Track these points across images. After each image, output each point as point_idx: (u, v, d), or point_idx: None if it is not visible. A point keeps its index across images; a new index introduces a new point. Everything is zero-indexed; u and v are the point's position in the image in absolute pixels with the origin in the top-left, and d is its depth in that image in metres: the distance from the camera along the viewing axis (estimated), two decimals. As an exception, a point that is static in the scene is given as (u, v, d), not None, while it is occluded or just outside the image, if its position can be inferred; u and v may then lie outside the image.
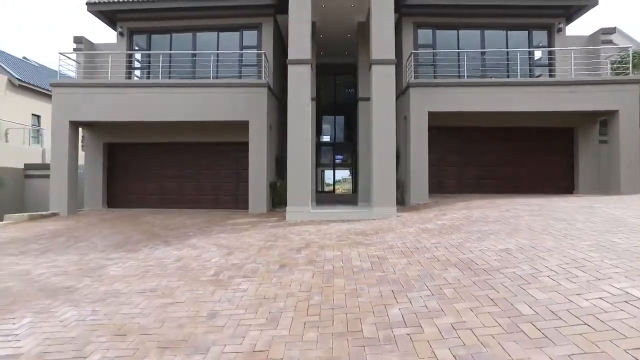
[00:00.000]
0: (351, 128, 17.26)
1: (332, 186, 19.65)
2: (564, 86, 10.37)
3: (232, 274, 4.68)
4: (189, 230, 7.80)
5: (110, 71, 10.97)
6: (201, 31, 12.36)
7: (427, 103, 10.44)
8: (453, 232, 5.89)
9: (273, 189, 10.98)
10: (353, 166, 17.36)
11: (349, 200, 13.54)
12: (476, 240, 5.26)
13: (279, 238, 6.61)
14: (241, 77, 12.00)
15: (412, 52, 11.13)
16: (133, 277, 4.78)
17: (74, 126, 10.89)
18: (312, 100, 10.32)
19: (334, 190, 19.52)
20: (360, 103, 12.10)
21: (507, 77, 11.43)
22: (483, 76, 11.94)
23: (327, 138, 19.10)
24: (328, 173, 19.75)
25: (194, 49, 12.21)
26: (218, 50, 12.10)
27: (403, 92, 11.21)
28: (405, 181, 10.74)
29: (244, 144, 10.79)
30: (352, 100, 14.90)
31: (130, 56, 12.27)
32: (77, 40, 11.77)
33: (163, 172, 12.00)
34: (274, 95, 11.59)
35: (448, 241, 5.40)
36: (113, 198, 12.03)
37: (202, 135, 11.52)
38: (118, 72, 11.51)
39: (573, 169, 11.64)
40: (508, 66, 11.84)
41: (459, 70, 11.37)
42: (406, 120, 10.84)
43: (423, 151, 10.32)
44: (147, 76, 12.39)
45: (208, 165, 11.97)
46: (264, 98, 10.58)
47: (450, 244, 5.23)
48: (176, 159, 11.99)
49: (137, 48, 12.64)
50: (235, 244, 6.28)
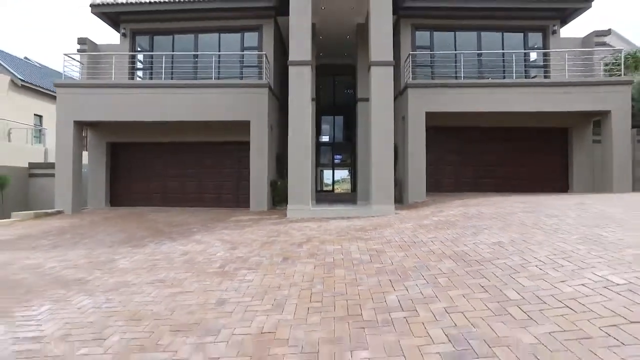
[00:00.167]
0: (350, 128, 17.50)
1: (332, 186, 19.86)
2: (558, 87, 10.62)
3: (238, 266, 4.90)
4: (193, 227, 8.01)
5: (113, 72, 11.18)
6: (203, 33, 12.57)
7: (425, 103, 10.67)
8: (449, 228, 6.12)
9: (274, 188, 11.19)
10: (352, 166, 17.58)
11: (348, 199, 13.77)
12: (471, 234, 5.49)
13: (281, 234, 6.83)
14: (242, 78, 12.22)
15: (410, 54, 11.37)
16: (142, 270, 5.00)
17: (78, 126, 11.07)
18: (312, 100, 10.54)
19: (333, 189, 19.73)
20: (359, 103, 12.33)
21: (503, 78, 11.67)
22: (480, 77, 12.17)
23: (327, 138, 19.33)
24: (327, 173, 19.96)
25: (196, 50, 12.43)
26: (219, 51, 12.32)
27: (401, 93, 11.44)
28: (403, 180, 10.97)
29: (245, 144, 11.01)
30: (351, 100, 15.12)
31: (133, 57, 12.48)
32: (81, 41, 11.98)
33: (165, 171, 12.20)
34: (275, 95, 11.81)
35: (444, 236, 5.63)
36: (116, 197, 12.22)
37: (204, 135, 11.73)
38: (121, 73, 11.73)
39: (568, 168, 11.88)
40: (504, 67, 12.08)
41: (456, 71, 11.62)
42: (404, 120, 11.07)
43: (421, 151, 10.54)
44: (150, 77, 12.61)
45: (210, 164, 12.17)
46: (265, 98, 10.80)
47: (445, 238, 5.46)
48: (178, 159, 12.20)
49: (140, 49, 12.84)
50: (238, 239, 6.50)
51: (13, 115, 16.80)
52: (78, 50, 11.99)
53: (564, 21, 12.36)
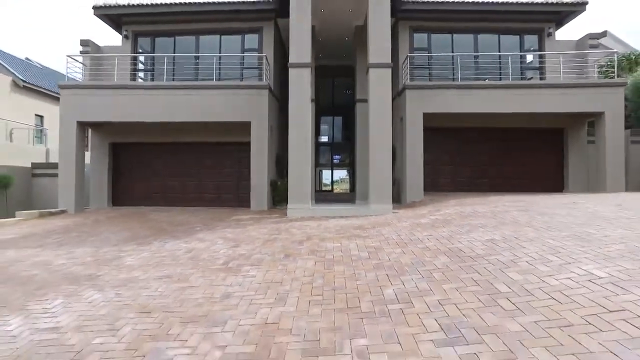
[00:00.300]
0: (349, 128, 17.68)
1: (331, 186, 20.05)
2: (553, 89, 10.83)
3: (241, 263, 5.09)
4: (195, 225, 8.19)
5: (116, 73, 11.35)
6: (204, 34, 12.75)
7: (423, 105, 10.86)
8: (445, 226, 6.32)
9: (274, 188, 11.37)
10: (351, 166, 17.77)
11: (347, 198, 13.97)
12: (465, 232, 5.69)
13: (282, 232, 7.02)
14: (242, 79, 12.39)
15: (408, 56, 11.57)
16: (148, 266, 5.18)
17: (81, 126, 11.23)
18: (312, 101, 10.73)
19: (332, 189, 19.93)
20: (357, 104, 12.53)
21: (500, 80, 11.88)
22: (476, 79, 12.37)
23: (325, 138, 19.52)
24: (326, 173, 20.15)
25: (197, 52, 12.60)
26: (220, 53, 12.49)
27: (399, 94, 11.64)
28: (401, 180, 11.16)
29: (246, 144, 11.19)
30: (350, 101, 15.31)
31: (135, 58, 12.64)
32: (84, 43, 12.14)
33: (166, 171, 12.37)
34: (275, 96, 11.99)
35: (439, 233, 5.83)
36: (118, 196, 12.38)
37: (205, 135, 11.91)
38: (123, 74, 11.89)
39: (563, 168, 12.10)
40: (500, 69, 12.29)
41: (453, 73, 11.83)
42: (402, 121, 11.27)
43: (418, 151, 10.74)
44: (152, 78, 12.78)
45: (210, 164, 12.35)
46: (265, 100, 10.98)
47: (441, 236, 5.65)
48: (179, 159, 12.37)
49: (142, 51, 13.01)
50: (240, 237, 6.68)
51: (14, 115, 16.94)
52: (81, 51, 12.15)
53: (559, 24, 12.59)
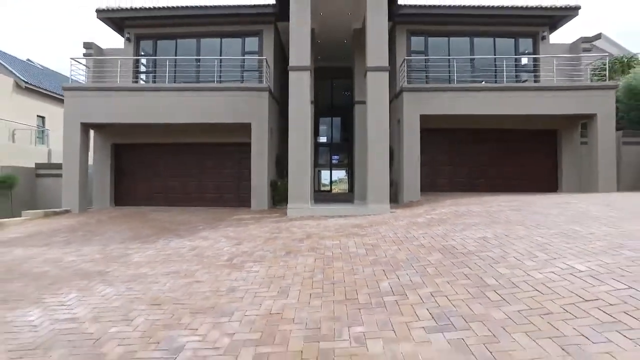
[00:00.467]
0: (347, 129, 17.92)
1: (329, 186, 20.30)
2: (547, 91, 11.11)
3: (244, 259, 5.32)
4: (198, 225, 8.42)
5: (119, 75, 11.57)
6: (205, 37, 12.98)
7: (420, 106, 11.12)
8: (440, 225, 6.56)
9: (274, 188, 11.60)
10: (349, 166, 18.00)
11: (346, 198, 14.21)
12: (459, 230, 5.94)
13: (282, 230, 7.25)
14: (243, 82, 12.63)
15: (406, 59, 11.82)
16: (155, 263, 5.41)
17: (85, 128, 11.43)
18: (311, 103, 10.96)
19: (331, 189, 20.17)
20: (356, 106, 12.76)
21: (495, 82, 12.14)
22: (472, 81, 12.64)
23: (324, 139, 19.77)
24: (325, 173, 20.39)
25: (198, 55, 12.83)
26: (221, 55, 12.73)
27: (397, 96, 11.89)
28: (398, 180, 11.41)
29: (246, 145, 11.43)
30: (349, 102, 15.54)
31: (137, 61, 12.86)
32: (87, 45, 12.36)
33: (168, 172, 12.59)
34: (275, 98, 12.22)
35: (434, 232, 6.07)
36: (120, 196, 12.59)
37: (206, 136, 12.13)
38: (126, 76, 12.10)
39: (557, 169, 12.37)
40: (496, 72, 12.56)
41: (450, 75, 12.09)
42: (399, 122, 11.51)
43: (415, 152, 10.98)
44: (154, 80, 13.00)
45: (211, 165, 12.58)
46: (265, 101, 11.21)
47: (436, 234, 5.90)
48: (181, 159, 12.59)
49: (144, 53, 13.23)
50: (242, 236, 6.92)
51: (16, 116, 17.13)
52: (84, 54, 12.37)
53: (553, 27, 12.86)
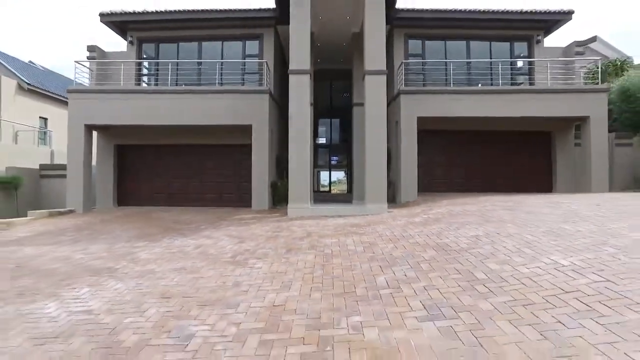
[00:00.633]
0: (346, 130, 18.15)
1: (328, 186, 20.52)
2: (542, 94, 11.36)
3: (247, 257, 5.55)
4: (201, 224, 8.64)
5: (122, 78, 11.80)
6: (206, 41, 13.21)
7: (417, 109, 11.36)
8: (435, 223, 6.81)
9: (274, 188, 11.83)
10: (348, 167, 18.23)
11: (345, 199, 14.45)
12: (453, 229, 6.18)
13: (283, 230, 7.49)
14: (244, 84, 12.86)
15: (403, 62, 12.07)
16: (162, 260, 5.64)
17: (89, 129, 11.66)
18: (310, 105, 11.20)
19: (330, 190, 20.39)
20: (355, 108, 13.02)
21: (491, 85, 12.41)
22: (469, 84, 12.90)
23: (324, 140, 20.00)
24: (324, 174, 20.61)
25: (200, 58, 13.07)
26: (222, 58, 12.97)
27: (394, 99, 12.13)
28: (396, 181, 11.65)
29: (246, 146, 11.66)
30: (347, 103, 15.76)
31: (139, 64, 13.09)
32: (91, 49, 12.59)
33: (170, 173, 12.81)
34: (275, 100, 12.46)
35: (430, 230, 6.32)
36: (123, 197, 12.81)
37: (207, 138, 12.36)
38: (128, 79, 12.33)
39: (552, 170, 12.63)
40: (491, 75, 12.82)
41: (447, 78, 12.35)
42: (397, 124, 11.76)
43: (413, 153, 11.23)
44: (156, 83, 13.23)
45: (212, 166, 12.80)
46: (266, 104, 11.44)
47: (431, 233, 6.14)
48: (182, 160, 12.82)
49: (146, 56, 13.45)
50: (244, 235, 7.15)
51: (19, 117, 17.34)
52: (88, 57, 12.60)
53: (548, 31, 13.14)
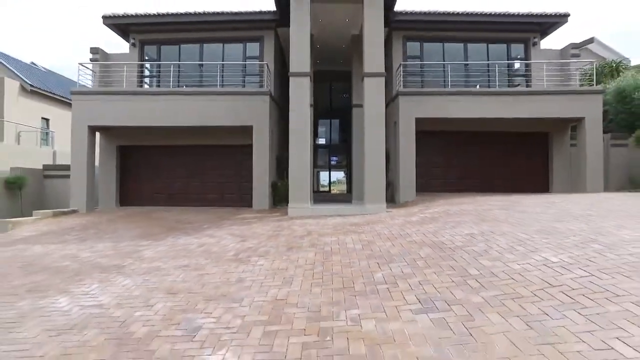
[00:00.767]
0: (346, 131, 18.34)
1: (328, 187, 20.70)
2: (537, 95, 11.56)
3: (249, 254, 5.74)
4: (203, 223, 8.82)
5: (125, 80, 11.98)
6: (207, 43, 13.39)
7: (415, 110, 11.55)
8: (432, 223, 6.99)
9: (274, 188, 12.01)
10: (347, 167, 18.41)
11: (344, 199, 14.63)
12: (449, 228, 6.37)
13: (284, 228, 7.67)
14: (244, 86, 13.05)
15: (401, 64, 12.26)
16: (167, 258, 5.82)
17: (92, 130, 11.83)
18: (310, 106, 11.38)
19: (330, 190, 20.58)
20: (354, 109, 13.20)
21: (488, 87, 12.60)
22: (466, 85, 13.09)
23: (323, 141, 20.19)
24: (324, 174, 20.80)
25: (201, 60, 13.25)
26: (223, 60, 13.14)
27: (393, 100, 12.32)
28: (395, 181, 11.84)
29: (247, 147, 11.85)
30: (347, 104, 15.95)
31: (142, 66, 13.27)
32: (94, 51, 12.76)
33: (171, 173, 12.99)
34: (275, 101, 12.64)
35: (426, 229, 6.50)
36: (125, 197, 12.98)
37: (208, 138, 12.54)
38: (131, 81, 12.51)
39: (548, 170, 12.82)
40: (489, 76, 13.01)
41: (444, 80, 12.54)
42: (396, 125, 11.94)
43: (411, 154, 11.41)
44: (158, 84, 13.41)
45: (213, 166, 12.98)
46: (266, 105, 11.62)
47: (428, 231, 6.33)
48: (184, 161, 12.99)
49: (148, 58, 13.63)
50: (246, 234, 7.33)
51: (22, 118, 17.52)
52: (90, 59, 12.77)
53: (544, 33, 13.33)
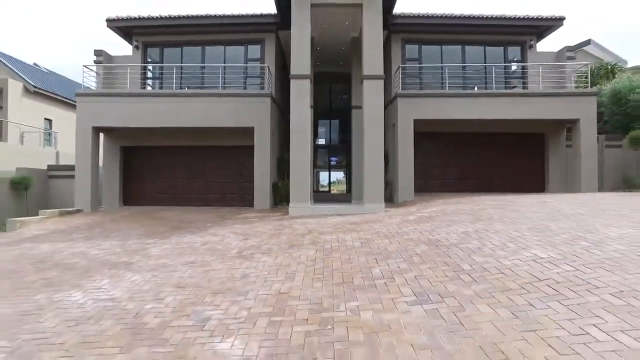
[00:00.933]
0: (345, 132, 18.57)
1: (328, 187, 20.93)
2: (533, 97, 11.79)
3: (252, 252, 5.96)
4: (206, 223, 9.04)
5: (128, 82, 12.20)
6: (209, 45, 13.61)
7: (413, 111, 11.78)
8: (428, 221, 7.22)
9: (275, 188, 12.23)
10: (347, 167, 18.64)
11: (343, 198, 14.86)
12: (445, 226, 6.59)
13: (285, 227, 7.90)
14: (246, 87, 13.27)
15: (400, 66, 12.50)
16: (173, 255, 6.04)
17: (96, 131, 12.05)
18: (310, 107, 11.60)
19: (330, 190, 20.80)
20: (353, 111, 13.43)
21: (485, 89, 12.83)
22: (464, 87, 13.31)
23: (323, 141, 20.42)
24: (324, 174, 21.02)
25: (203, 62, 13.47)
26: (225, 62, 13.37)
27: (392, 102, 12.55)
28: (393, 182, 12.06)
29: (248, 147, 12.08)
30: (346, 105, 16.18)
31: (145, 68, 13.49)
32: (98, 53, 12.99)
33: (174, 173, 13.21)
34: (276, 103, 12.86)
35: (423, 227, 6.73)
36: (128, 197, 13.20)
37: (210, 139, 12.76)
38: (134, 82, 12.73)
39: (544, 170, 13.05)
40: (486, 78, 13.24)
41: (442, 82, 12.77)
42: (395, 126, 12.17)
43: (409, 154, 11.64)
44: (161, 86, 13.63)
45: (215, 166, 13.20)
46: (267, 107, 11.84)
47: (424, 230, 6.55)
48: (186, 161, 13.21)
49: (151, 60, 13.85)
50: (249, 232, 7.55)
51: (25, 119, 17.74)
52: (95, 61, 12.99)
53: (540, 36, 13.57)
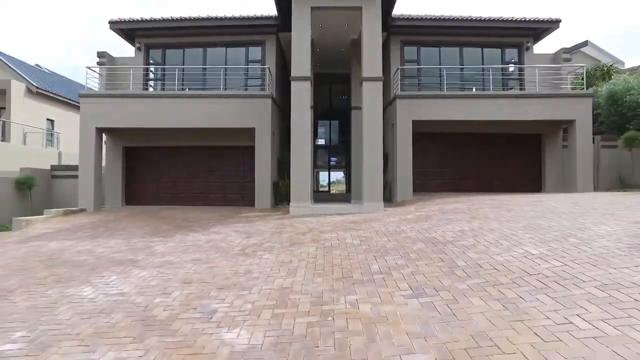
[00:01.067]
0: (345, 132, 18.73)
1: (328, 186, 21.09)
2: (530, 98, 11.99)
3: (255, 249, 6.14)
4: (209, 221, 9.23)
5: (131, 83, 12.38)
6: (211, 47, 13.78)
7: (412, 112, 11.96)
8: (426, 220, 7.41)
9: (275, 188, 12.41)
10: (347, 167, 18.81)
11: (343, 198, 15.05)
12: (442, 225, 6.78)
13: (286, 226, 8.08)
14: (247, 89, 13.45)
15: (399, 68, 12.69)
16: (178, 252, 6.22)
17: (99, 132, 12.22)
18: (310, 108, 11.78)
19: (329, 190, 20.96)
20: (353, 111, 13.62)
21: (483, 90, 13.02)
22: (462, 89, 13.51)
23: (323, 141, 20.58)
24: (323, 174, 21.18)
25: (205, 63, 13.64)
26: (226, 64, 13.55)
27: (391, 103, 12.73)
28: (392, 182, 12.25)
29: (249, 148, 12.26)
30: (346, 106, 16.35)
31: (147, 69, 13.66)
32: (100, 55, 13.15)
33: (175, 173, 13.39)
34: (276, 103, 13.04)
35: (421, 226, 6.92)
36: (130, 196, 13.37)
37: (211, 140, 12.94)
38: (136, 84, 12.90)
39: (541, 171, 13.25)
40: (483, 80, 13.43)
41: (441, 83, 12.96)
42: (393, 127, 12.36)
43: (408, 155, 11.82)
44: (163, 87, 13.80)
45: (216, 166, 13.39)
46: (268, 108, 12.03)
47: (422, 228, 6.74)
48: (187, 161, 13.39)
49: (153, 62, 14.03)
50: (251, 231, 7.74)
51: (28, 119, 17.91)
52: (97, 62, 13.16)
53: (537, 38, 13.76)
